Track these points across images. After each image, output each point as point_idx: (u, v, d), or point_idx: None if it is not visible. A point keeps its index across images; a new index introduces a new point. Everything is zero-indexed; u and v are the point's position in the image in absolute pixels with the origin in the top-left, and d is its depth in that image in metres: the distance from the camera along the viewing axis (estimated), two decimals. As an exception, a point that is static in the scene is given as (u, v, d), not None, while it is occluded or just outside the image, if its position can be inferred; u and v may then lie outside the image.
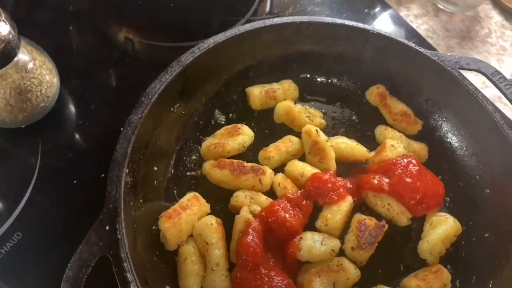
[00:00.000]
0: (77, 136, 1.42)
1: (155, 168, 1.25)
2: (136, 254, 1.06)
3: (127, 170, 1.11)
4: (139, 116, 1.17)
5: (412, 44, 1.42)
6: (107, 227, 1.04)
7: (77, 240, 1.01)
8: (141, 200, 1.16)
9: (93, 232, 1.03)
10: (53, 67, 1.36)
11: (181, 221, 1.15)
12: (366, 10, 1.87)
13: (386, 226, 1.22)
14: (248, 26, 1.36)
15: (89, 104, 1.48)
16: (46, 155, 1.35)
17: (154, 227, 1.17)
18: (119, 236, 1.02)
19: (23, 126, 1.35)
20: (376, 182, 1.28)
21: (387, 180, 1.28)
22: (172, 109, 1.30)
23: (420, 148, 1.41)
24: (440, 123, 1.45)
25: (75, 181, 1.31)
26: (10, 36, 1.13)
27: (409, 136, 1.43)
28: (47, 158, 1.35)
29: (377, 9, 1.88)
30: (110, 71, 1.62)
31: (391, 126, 1.44)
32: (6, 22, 1.12)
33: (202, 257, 1.14)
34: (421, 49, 1.41)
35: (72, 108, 1.47)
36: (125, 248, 1.02)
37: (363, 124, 1.46)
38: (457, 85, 1.36)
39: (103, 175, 1.27)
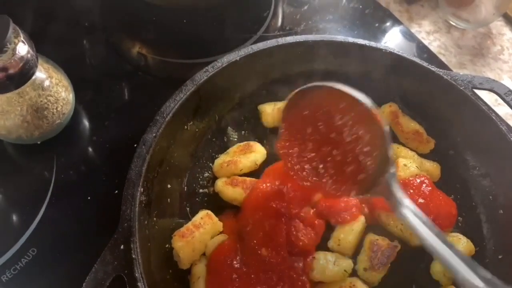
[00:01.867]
0: (91, 152, 1.44)
1: (169, 186, 1.26)
2: (150, 273, 1.07)
3: (142, 189, 1.12)
4: (154, 135, 1.19)
5: (424, 63, 1.42)
6: (122, 247, 1.04)
7: (92, 256, 1.02)
8: (155, 218, 1.17)
9: (108, 251, 1.04)
10: (69, 84, 1.38)
11: (194, 240, 1.15)
12: (377, 25, 1.87)
13: (399, 246, 1.22)
14: (261, 45, 1.37)
15: (103, 120, 1.49)
16: (61, 170, 1.37)
17: (167, 245, 1.18)
18: (133, 256, 1.03)
19: (38, 142, 1.36)
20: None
21: None
22: (186, 127, 1.31)
23: (433, 167, 1.40)
24: (453, 142, 1.44)
25: (89, 197, 1.32)
26: (29, 55, 1.16)
27: (421, 155, 1.42)
28: (62, 173, 1.36)
29: (387, 24, 1.89)
30: (123, 86, 1.64)
31: (403, 145, 1.44)
32: (25, 43, 1.15)
33: (214, 276, 1.14)
34: (434, 68, 1.41)
35: (86, 124, 1.49)
36: (140, 268, 1.02)
37: None
38: (471, 104, 1.36)
39: (117, 191, 1.29)
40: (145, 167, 1.14)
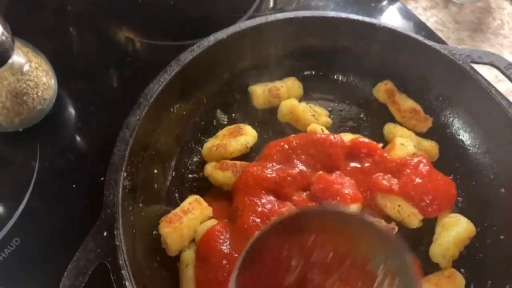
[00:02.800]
0: (76, 139, 1.39)
1: (155, 171, 1.21)
2: (135, 260, 1.02)
3: (125, 174, 1.07)
4: (137, 117, 1.14)
5: (420, 38, 1.36)
6: (105, 233, 1.00)
7: (76, 246, 0.98)
8: (140, 205, 1.13)
9: (91, 238, 0.99)
10: (50, 68, 1.33)
11: (182, 226, 1.11)
12: (373, 4, 1.81)
13: (396, 228, 1.17)
14: (249, 23, 1.31)
15: (88, 106, 1.44)
16: (45, 159, 1.32)
17: (154, 232, 1.13)
18: (117, 243, 0.99)
19: (20, 130, 1.32)
20: (385, 182, 1.23)
21: (397, 181, 1.23)
22: (172, 109, 1.26)
23: (431, 146, 1.35)
24: (451, 120, 1.39)
25: (74, 185, 1.28)
26: (3, 37, 1.10)
27: (419, 134, 1.37)
28: (45, 161, 1.31)
29: (384, 3, 1.82)
30: (111, 72, 1.59)
31: (400, 124, 1.39)
32: (-1, 23, 1.09)
33: (204, 263, 1.10)
34: (431, 43, 1.35)
35: (71, 111, 1.44)
36: (123, 255, 0.98)
37: (371, 122, 1.41)
38: (469, 79, 1.30)
39: (102, 178, 1.23)
40: (128, 151, 1.09)
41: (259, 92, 1.37)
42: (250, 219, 1.12)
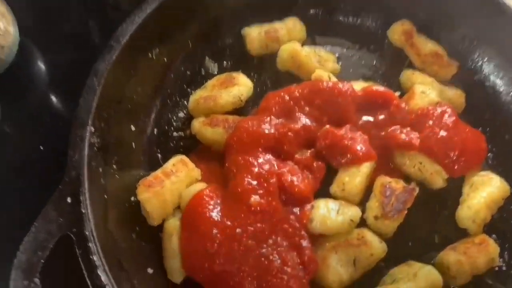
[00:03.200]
0: (45, 94, 1.22)
1: (133, 128, 1.05)
2: (106, 231, 0.88)
3: (93, 129, 0.91)
4: (106, 63, 0.96)
5: (445, -37, 1.15)
6: (69, 200, 0.85)
7: (35, 214, 0.82)
8: (114, 166, 0.97)
9: (51, 206, 0.84)
10: (7, 11, 1.14)
11: (165, 190, 0.95)
12: None
13: (417, 189, 1.01)
14: None
15: (57, 54, 1.27)
16: (9, 117, 1.15)
17: (133, 198, 0.98)
18: (83, 210, 0.84)
19: (-25, 84, 1.14)
20: (403, 137, 1.06)
21: (417, 134, 1.06)
22: (150, 55, 1.09)
23: (456, 95, 1.18)
24: (480, 64, 1.21)
25: (41, 147, 1.11)
26: None
27: (441, 82, 1.19)
28: (9, 120, 1.15)
29: None
30: (86, 19, 1.40)
31: (420, 70, 1.21)
32: None
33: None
34: (458, -30, 1.14)
35: (37, 62, 1.26)
36: (90, 224, 0.83)
37: (386, 69, 1.24)
38: (503, 14, 1.11)
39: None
40: (95, 102, 0.92)
41: (255, 34, 1.19)
42: (245, 182, 0.96)
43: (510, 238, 1.03)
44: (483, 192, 1.03)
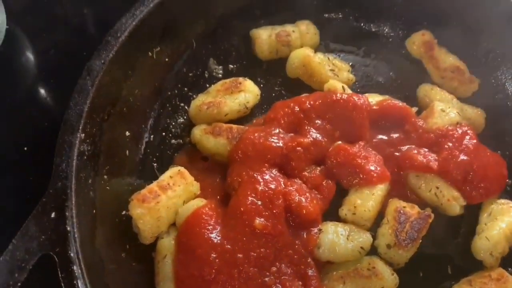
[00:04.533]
0: (32, 88, 1.14)
1: (127, 134, 0.98)
2: (93, 251, 0.81)
3: (83, 135, 0.83)
4: (102, 61, 0.88)
5: (471, -25, 1.08)
6: (53, 215, 0.78)
7: (14, 230, 0.75)
8: (105, 177, 0.89)
9: (33, 221, 0.77)
10: (-6, -6, 1.04)
11: (160, 206, 0.88)
12: None
13: (432, 216, 0.95)
14: None
15: (48, 45, 1.19)
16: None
17: (124, 212, 0.91)
18: (68, 228, 0.76)
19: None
20: (420, 158, 1.00)
21: (435, 156, 1.00)
22: (150, 54, 1.02)
23: (476, 114, 1.11)
24: (503, 82, 1.15)
25: (25, 148, 1.03)
26: None
27: (461, 99, 1.13)
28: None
29: None
30: (81, 7, 1.31)
31: (439, 85, 1.15)
32: None
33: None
34: (486, -19, 1.07)
35: (26, 52, 1.18)
36: (76, 245, 0.75)
37: (403, 82, 1.18)
38: (532, 31, 1.04)
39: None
40: (88, 105, 0.84)
41: (264, 37, 1.12)
42: (248, 200, 0.89)
43: (528, 273, 0.97)
44: (502, 222, 0.97)
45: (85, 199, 0.81)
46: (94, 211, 0.83)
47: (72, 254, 0.73)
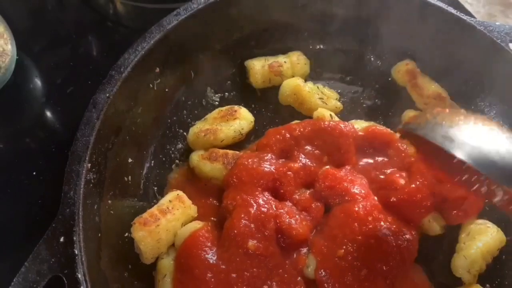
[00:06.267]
0: (40, 116, 1.19)
1: (130, 160, 1.03)
2: (99, 272, 0.86)
3: (89, 165, 0.88)
4: (107, 95, 0.94)
5: (452, 10, 1.15)
6: (62, 239, 0.83)
7: (26, 253, 0.80)
8: (109, 201, 0.94)
9: (44, 245, 0.82)
10: (6, 30, 1.11)
11: (160, 229, 0.93)
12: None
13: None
14: (249, -18, 1.09)
15: (56, 77, 1.24)
16: (1, 138, 1.13)
17: (126, 234, 0.95)
18: (76, 252, 0.81)
19: (-30, 103, 1.11)
20: (402, 181, 1.05)
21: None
22: (151, 85, 1.07)
23: None
24: (482, 108, 1.19)
25: (34, 173, 1.09)
26: None
27: (443, 124, 1.17)
28: (1, 142, 1.13)
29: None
30: (87, 38, 1.38)
31: (422, 111, 1.19)
32: None
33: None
34: (464, 16, 1.14)
35: (36, 82, 1.23)
36: (83, 268, 0.81)
37: (388, 108, 1.23)
38: (508, 62, 1.10)
39: (68, 166, 1.04)
40: (93, 136, 0.90)
41: (258, 67, 1.18)
42: (241, 223, 0.94)
43: (503, 289, 1.03)
44: (479, 241, 1.01)
45: (91, 225, 0.86)
46: (99, 234, 0.88)
47: (79, 276, 0.78)
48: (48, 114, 1.20)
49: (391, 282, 0.92)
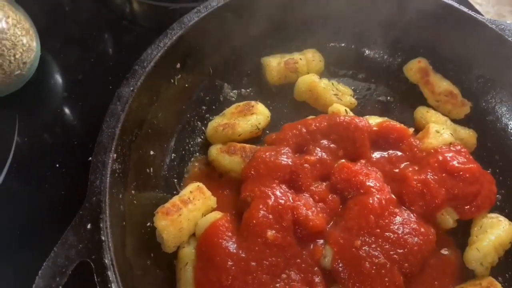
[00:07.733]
0: (61, 110, 1.22)
1: (152, 153, 1.05)
2: (124, 259, 0.88)
3: (115, 155, 0.91)
4: (132, 88, 0.97)
5: (464, 9, 1.17)
6: (89, 226, 0.85)
7: (55, 239, 0.83)
8: (133, 192, 0.97)
9: (71, 231, 0.84)
10: (31, 27, 1.14)
11: (182, 218, 0.95)
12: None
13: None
14: (267, -19, 1.12)
15: (76, 73, 1.27)
16: (25, 132, 1.16)
17: (148, 224, 0.98)
18: (103, 238, 0.84)
19: (-1, 96, 1.15)
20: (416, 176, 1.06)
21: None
22: (172, 81, 1.09)
23: (468, 135, 1.19)
24: (493, 105, 1.22)
25: (57, 165, 1.12)
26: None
27: (454, 121, 1.21)
28: (25, 136, 1.15)
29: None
30: (105, 37, 1.41)
31: (434, 108, 1.22)
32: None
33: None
34: (476, 15, 1.16)
35: (57, 78, 1.27)
36: (110, 253, 0.83)
37: (401, 105, 1.25)
38: (519, 59, 1.12)
39: (90, 158, 1.07)
40: (119, 128, 0.92)
41: (274, 64, 1.20)
42: (260, 214, 0.96)
43: (516, 281, 1.04)
44: (491, 234, 1.03)
45: (116, 213, 0.88)
46: (124, 223, 0.90)
47: (106, 261, 0.81)
48: (69, 109, 1.23)
49: (410, 271, 0.94)
